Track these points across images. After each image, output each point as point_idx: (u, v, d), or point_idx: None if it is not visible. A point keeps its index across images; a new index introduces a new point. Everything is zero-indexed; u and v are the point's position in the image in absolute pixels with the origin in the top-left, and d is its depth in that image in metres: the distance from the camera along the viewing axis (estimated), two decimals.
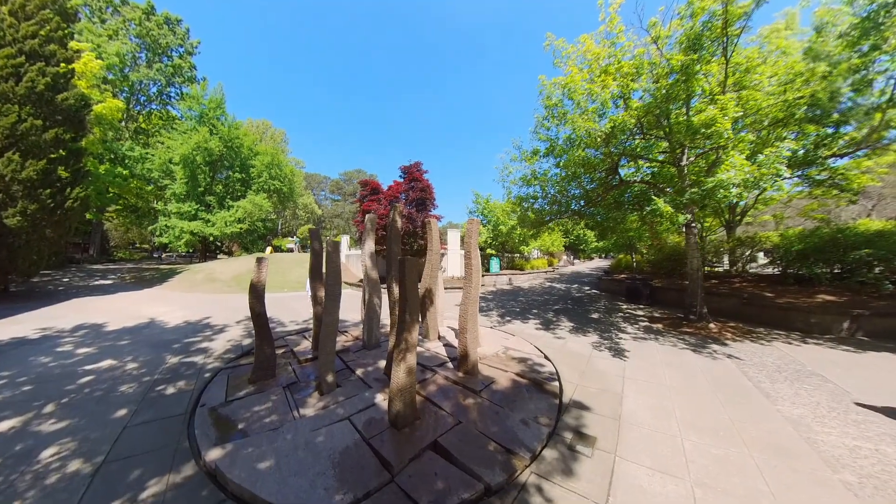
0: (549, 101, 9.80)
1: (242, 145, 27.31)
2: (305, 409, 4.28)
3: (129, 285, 15.95)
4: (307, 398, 4.64)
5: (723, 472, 3.05)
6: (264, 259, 5.17)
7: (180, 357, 6.15)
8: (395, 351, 3.71)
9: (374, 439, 3.50)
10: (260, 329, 5.18)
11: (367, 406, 4.32)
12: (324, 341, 4.85)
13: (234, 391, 4.78)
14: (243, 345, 7.11)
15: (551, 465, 3.14)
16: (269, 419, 4.05)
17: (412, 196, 17.53)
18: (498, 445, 3.40)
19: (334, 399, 4.56)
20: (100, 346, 6.56)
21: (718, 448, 3.42)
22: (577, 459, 3.24)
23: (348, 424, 3.87)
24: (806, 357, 6.33)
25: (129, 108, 25.36)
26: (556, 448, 3.42)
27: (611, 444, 3.49)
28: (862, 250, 8.82)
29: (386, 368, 5.42)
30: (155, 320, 9.08)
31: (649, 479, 2.95)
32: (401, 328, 3.85)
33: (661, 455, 3.30)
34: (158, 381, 5.04)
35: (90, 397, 4.38)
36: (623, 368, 5.76)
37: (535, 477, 2.97)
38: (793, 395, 4.69)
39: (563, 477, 2.98)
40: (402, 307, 3.96)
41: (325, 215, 66.57)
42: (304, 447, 3.44)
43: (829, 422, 3.95)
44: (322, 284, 6.83)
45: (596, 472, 3.04)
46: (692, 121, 7.29)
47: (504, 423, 3.84)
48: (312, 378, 5.35)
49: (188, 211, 24.50)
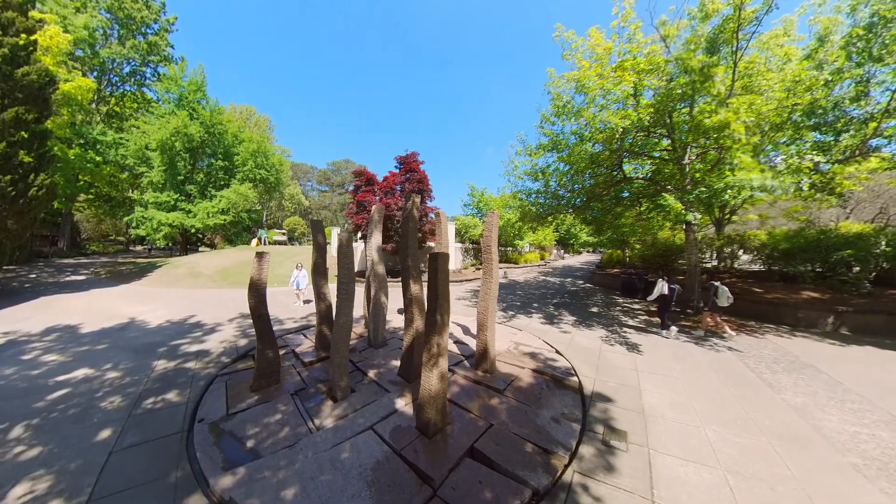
0: (560, 97, 9.61)
1: (226, 132, 25.81)
2: (321, 420, 3.88)
3: (104, 281, 14.84)
4: (320, 406, 4.23)
5: (748, 460, 3.21)
6: (265, 254, 4.61)
7: (169, 363, 5.52)
8: (424, 355, 3.42)
9: (405, 450, 3.19)
10: (262, 331, 4.65)
11: (389, 413, 3.96)
12: (336, 343, 4.39)
13: (235, 402, 4.26)
14: (239, 346, 6.51)
15: (591, 463, 3.14)
16: (281, 434, 3.60)
17: (409, 188, 16.88)
18: (535, 446, 3.30)
19: (351, 406, 4.18)
20: (74, 353, 5.83)
21: (738, 437, 3.60)
22: (614, 454, 3.26)
23: (373, 435, 3.49)
24: (797, 349, 6.75)
25: (100, 89, 23.50)
26: (592, 444, 3.43)
27: (641, 437, 3.57)
28: (844, 251, 9.19)
29: (401, 370, 5.08)
30: (135, 320, 8.30)
31: (685, 470, 3.04)
32: (431, 330, 3.45)
33: (690, 446, 3.43)
34: (146, 392, 4.43)
35: (65, 416, 3.75)
36: (634, 362, 5.87)
37: (579, 476, 2.95)
38: (792, 385, 5.03)
39: (605, 473, 2.98)
40: (433, 307, 3.58)
41: (311, 206, 64.80)
42: (331, 466, 3.04)
43: (829, 409, 4.28)
44: (326, 281, 6.30)
45: (635, 467, 3.07)
46: (704, 122, 7.24)
47: (535, 423, 3.75)
48: (322, 383, 4.91)
49: (167, 201, 23.03)
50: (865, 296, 8.68)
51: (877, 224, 13.54)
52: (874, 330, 7.79)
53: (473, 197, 27.61)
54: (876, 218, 15.95)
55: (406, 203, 16.26)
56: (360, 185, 17.18)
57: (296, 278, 10.57)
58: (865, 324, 7.93)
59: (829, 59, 8.96)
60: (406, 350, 5.00)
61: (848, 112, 9.12)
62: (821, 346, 6.99)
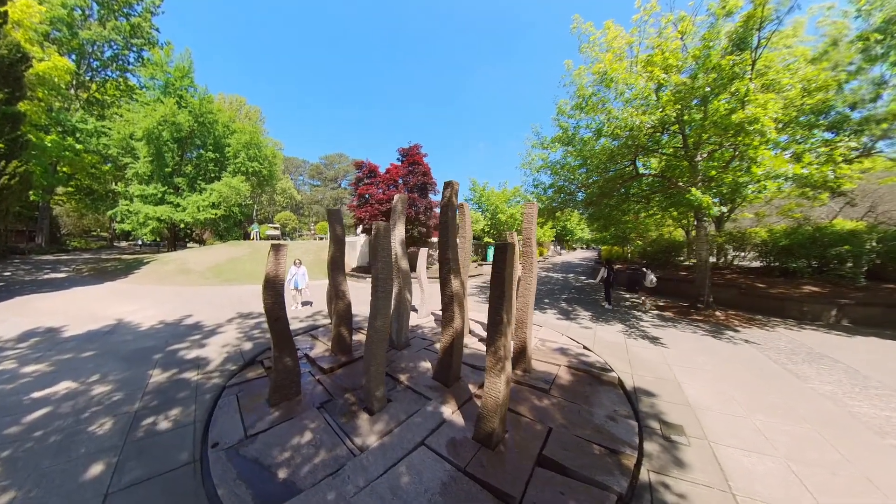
0: (583, 88, 9.50)
1: (216, 121, 24.60)
2: (362, 438, 3.31)
3: (86, 279, 13.81)
4: (355, 421, 3.64)
5: (800, 447, 3.27)
6: (282, 247, 3.95)
7: (166, 372, 4.81)
8: (489, 359, 3.09)
9: (471, 467, 2.85)
10: (280, 336, 4.00)
11: (437, 424, 3.52)
12: (372, 349, 3.80)
13: (253, 419, 3.63)
14: (244, 351, 5.83)
15: (661, 460, 3.08)
16: (318, 458, 3.00)
17: (413, 181, 16.19)
18: (601, 447, 3.17)
19: (392, 419, 3.63)
20: (54, 362, 5.05)
21: (784, 425, 3.66)
22: (679, 449, 3.23)
23: (428, 452, 3.07)
24: (809, 341, 6.95)
25: (79, 73, 22.01)
26: (654, 441, 3.36)
27: (697, 430, 3.56)
28: (843, 247, 9.62)
29: (437, 373, 4.57)
30: (124, 322, 7.50)
31: (749, 460, 3.05)
32: (496, 331, 3.05)
33: (744, 436, 3.44)
34: (143, 410, 3.74)
35: (45, 446, 3.05)
36: (663, 356, 5.89)
37: (655, 475, 2.88)
38: (815, 374, 5.14)
39: (678, 470, 2.94)
40: (497, 305, 3.09)
41: (303, 201, 63.31)
42: (392, 496, 2.51)
43: (856, 396, 4.40)
44: (344, 277, 5.66)
45: (703, 460, 3.06)
46: (730, 118, 7.25)
47: (593, 422, 3.61)
48: (350, 392, 4.32)
49: (153, 194, 21.83)
50: (862, 289, 9.02)
51: (867, 221, 13.60)
52: (873, 322, 8.14)
53: (475, 192, 27.02)
54: (865, 216, 16.26)
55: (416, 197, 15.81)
56: (362, 178, 16.41)
57: (293, 277, 9.20)
58: (865, 316, 8.27)
59: (845, 61, 9.09)
60: (444, 351, 4.50)
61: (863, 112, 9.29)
62: (829, 338, 7.22)
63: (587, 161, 10.47)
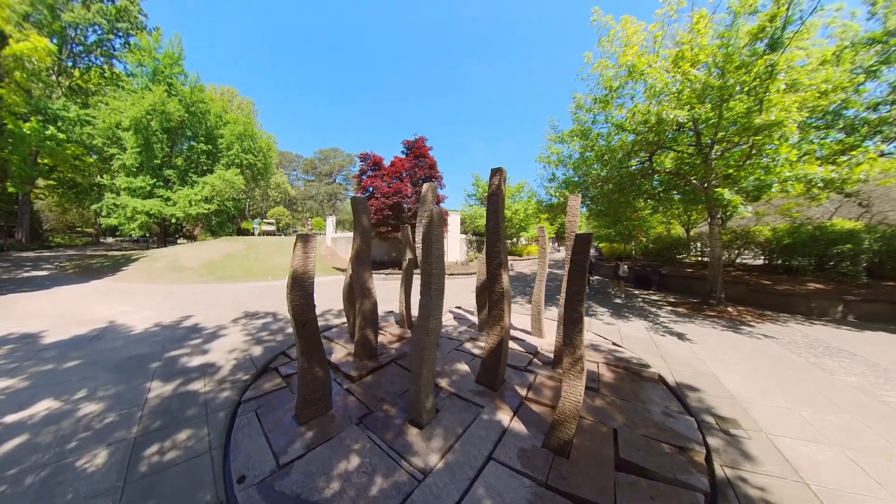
0: (610, 81, 9.35)
1: (208, 111, 23.51)
2: (420, 457, 2.82)
3: (71, 277, 12.88)
4: (404, 437, 3.12)
5: (849, 435, 3.35)
6: (311, 238, 3.31)
7: (167, 385, 4.13)
8: (566, 360, 2.87)
9: (553, 480, 2.61)
10: (309, 343, 3.37)
11: (500, 434, 3.19)
12: (423, 354, 3.27)
13: (282, 442, 3.03)
14: (254, 357, 5.18)
15: (729, 454, 3.07)
16: (377, 488, 2.46)
17: (419, 174, 15.52)
18: (670, 446, 3.08)
19: (448, 432, 3.17)
20: (32, 374, 4.31)
21: (828, 415, 3.75)
22: (742, 443, 3.23)
23: (500, 467, 2.73)
24: (823, 336, 7.10)
25: (60, 58, 20.71)
26: (715, 435, 3.36)
27: (749, 422, 3.57)
28: (845, 246, 10.01)
29: (482, 376, 4.21)
30: (115, 325, 6.75)
31: (808, 450, 3.10)
32: (572, 329, 2.83)
33: (794, 427, 3.49)
34: (144, 436, 3.08)
35: (21, 491, 2.38)
36: (692, 351, 5.93)
37: (729, 469, 2.86)
38: (838, 367, 5.28)
39: (749, 463, 2.93)
40: (576, 300, 2.84)
41: (297, 196, 62.01)
42: None
43: (884, 387, 4.51)
44: (371, 272, 5.03)
45: (767, 452, 3.07)
46: (753, 120, 7.33)
47: (652, 420, 3.51)
48: (388, 403, 3.76)
49: (142, 186, 20.73)
50: (864, 287, 9.28)
51: (864, 221, 13.79)
52: (878, 318, 8.37)
53: (477, 186, 26.42)
54: (861, 216, 16.43)
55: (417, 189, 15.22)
56: (366, 170, 15.67)
57: None
58: (870, 312, 8.49)
59: (865, 62, 9.24)
60: (491, 353, 4.10)
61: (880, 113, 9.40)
62: (839, 333, 7.39)
63: (603, 156, 10.41)
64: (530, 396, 3.92)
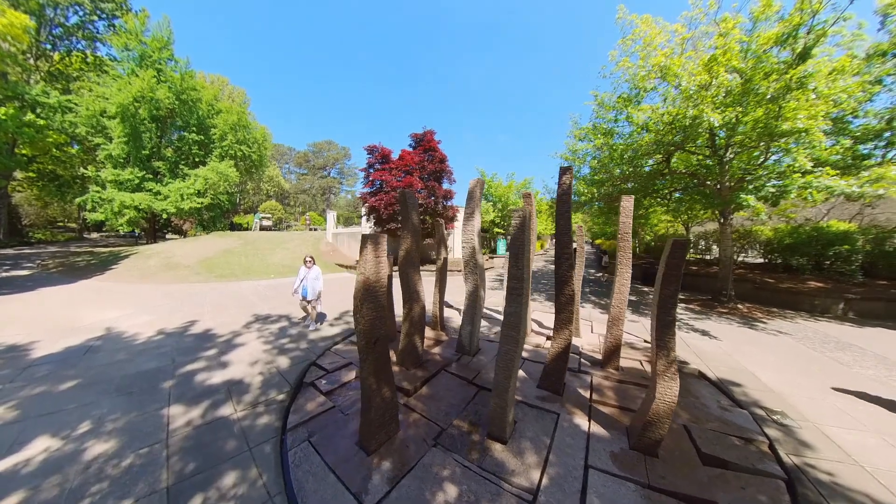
0: (643, 80, 9.31)
1: (200, 99, 22.22)
2: (518, 476, 2.56)
3: (55, 277, 11.88)
4: (490, 454, 2.78)
5: (881, 422, 3.55)
6: (381, 239, 2.67)
7: (189, 411, 3.45)
8: (660, 363, 2.82)
9: (656, 481, 2.56)
10: (378, 363, 2.77)
11: (585, 440, 3.09)
12: (507, 365, 2.91)
13: (356, 479, 2.52)
14: (282, 370, 4.53)
15: (790, 443, 3.15)
16: None
17: (429, 168, 14.79)
18: (737, 438, 3.15)
19: (536, 444, 2.95)
20: (21, 400, 3.56)
21: (856, 404, 3.95)
22: (796, 432, 3.34)
23: (601, 475, 2.63)
24: (831, 332, 7.36)
25: (38, 39, 19.20)
26: (771, 426, 3.42)
27: (795, 413, 3.69)
28: (843, 246, 10.39)
29: (544, 381, 4.00)
30: (111, 333, 5.97)
31: (853, 437, 3.28)
32: (665, 332, 2.83)
33: (834, 416, 3.65)
34: (178, 485, 2.42)
35: None
36: (720, 347, 6.03)
37: (795, 458, 2.94)
38: (853, 360, 5.51)
39: (809, 450, 3.05)
40: (669, 303, 2.82)
41: (290, 190, 60.38)
42: None
43: None
44: (419, 275, 4.39)
45: (820, 440, 3.21)
46: (780, 126, 7.38)
47: (712, 414, 3.59)
48: (460, 419, 3.35)
49: (129, 179, 19.47)
50: (861, 285, 9.64)
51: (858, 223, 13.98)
52: (876, 315, 8.72)
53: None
54: (854, 217, 16.66)
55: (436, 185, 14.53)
56: (374, 163, 14.87)
57: (302, 282, 6.31)
58: (869, 309, 8.87)
59: (884, 73, 9.45)
60: (556, 357, 3.88)
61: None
62: (844, 329, 7.66)
63: (623, 155, 10.43)
64: (596, 399, 3.82)
